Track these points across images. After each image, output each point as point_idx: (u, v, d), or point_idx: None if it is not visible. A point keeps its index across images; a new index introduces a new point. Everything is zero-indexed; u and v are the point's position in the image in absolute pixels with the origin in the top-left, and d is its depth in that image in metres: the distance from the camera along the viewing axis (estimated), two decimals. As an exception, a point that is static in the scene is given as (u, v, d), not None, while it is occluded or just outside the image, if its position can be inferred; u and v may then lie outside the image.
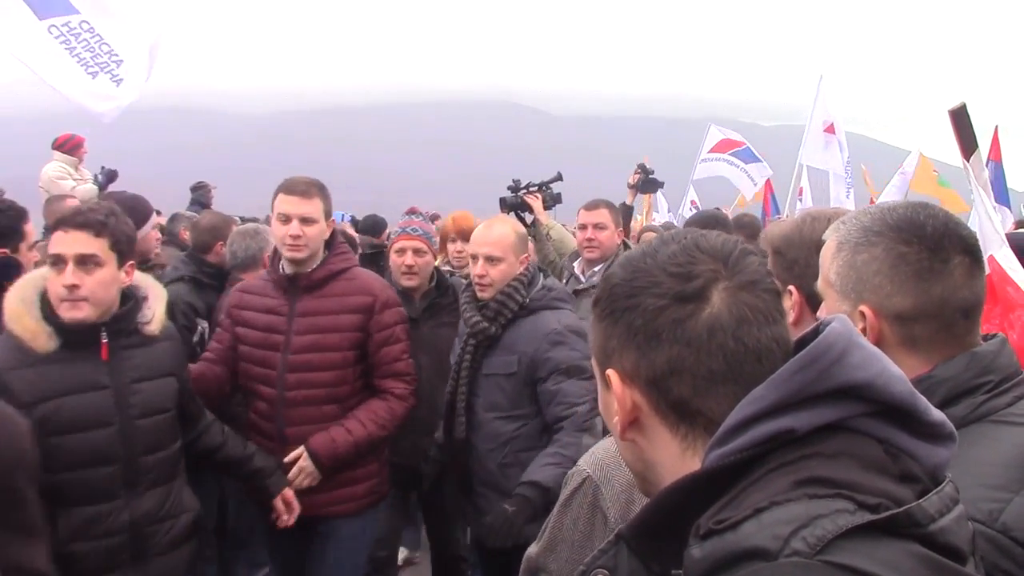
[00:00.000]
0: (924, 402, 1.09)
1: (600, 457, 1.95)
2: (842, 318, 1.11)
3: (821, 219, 2.17)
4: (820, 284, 1.81)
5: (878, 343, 1.64)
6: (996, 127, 9.66)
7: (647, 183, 7.66)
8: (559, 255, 6.15)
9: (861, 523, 0.94)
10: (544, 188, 6.37)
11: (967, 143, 3.22)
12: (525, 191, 6.35)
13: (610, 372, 1.19)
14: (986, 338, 1.71)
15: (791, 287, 2.15)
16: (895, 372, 1.07)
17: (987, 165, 8.34)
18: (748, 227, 6.79)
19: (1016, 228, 9.06)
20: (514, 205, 6.35)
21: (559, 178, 6.53)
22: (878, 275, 1.67)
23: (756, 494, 0.99)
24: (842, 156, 11.86)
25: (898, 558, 0.93)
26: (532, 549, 2.00)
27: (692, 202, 16.43)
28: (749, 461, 1.04)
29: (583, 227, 5.53)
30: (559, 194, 6.43)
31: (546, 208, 6.38)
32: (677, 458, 1.15)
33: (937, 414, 1.09)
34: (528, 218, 6.33)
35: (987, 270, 1.93)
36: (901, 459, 1.05)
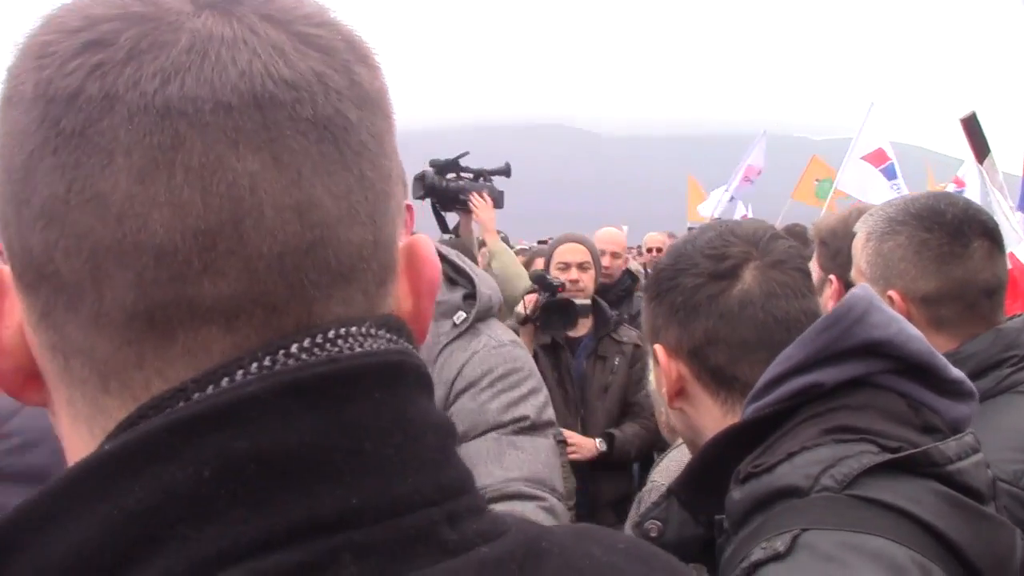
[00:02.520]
0: (943, 361, 1.19)
1: (674, 470, 2.01)
2: (864, 285, 1.24)
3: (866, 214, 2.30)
4: (853, 273, 1.93)
5: None
6: None
7: None
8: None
9: (883, 461, 1.05)
10: (486, 179, 4.15)
11: (979, 148, 3.34)
12: (457, 176, 4.05)
13: (657, 347, 1.34)
14: (1010, 319, 1.81)
15: (831, 276, 2.31)
16: (913, 332, 1.19)
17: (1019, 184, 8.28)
18: (799, 236, 6.82)
19: None
20: (437, 190, 3.94)
21: (506, 171, 4.21)
22: (903, 261, 1.79)
23: (789, 441, 1.11)
24: (888, 184, 11.34)
25: (919, 493, 1.04)
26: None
27: (744, 216, 16.16)
28: (782, 414, 1.16)
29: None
30: (501, 193, 4.22)
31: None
32: (719, 421, 1.28)
33: (956, 372, 1.20)
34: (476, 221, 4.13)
35: (1009, 265, 2.03)
36: (922, 412, 1.16)
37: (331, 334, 0.50)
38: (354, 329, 0.51)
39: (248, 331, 0.49)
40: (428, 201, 4.02)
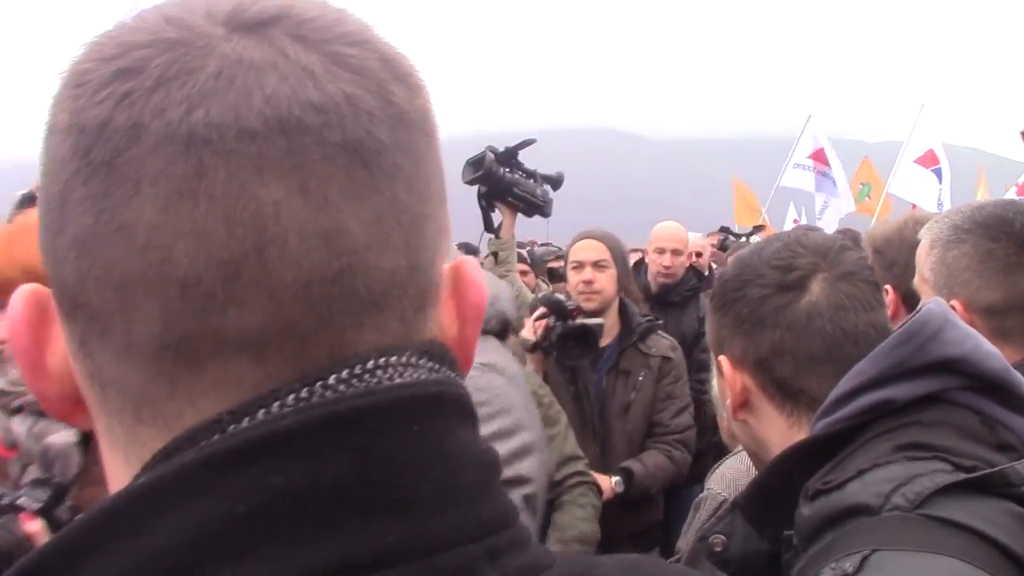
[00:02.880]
0: (1018, 378, 1.17)
1: (731, 477, 2.00)
2: (938, 300, 1.21)
3: (923, 223, 2.25)
4: (916, 280, 1.90)
5: None
6: None
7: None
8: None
9: (957, 480, 1.03)
10: (537, 181, 3.85)
11: None
12: (511, 170, 3.79)
13: (721, 358, 1.33)
14: None
15: (888, 286, 2.25)
16: (990, 349, 1.16)
17: None
18: (853, 242, 6.74)
19: None
20: (494, 178, 3.73)
21: (558, 181, 3.97)
22: (967, 271, 1.76)
23: (860, 458, 1.10)
24: (939, 187, 11.07)
25: (993, 513, 1.01)
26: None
27: (795, 220, 15.71)
28: (853, 429, 1.14)
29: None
30: (551, 200, 3.93)
31: (530, 215, 3.92)
32: (784, 434, 1.27)
33: None
34: (496, 219, 3.95)
35: None
36: (997, 430, 1.13)
37: (370, 364, 0.49)
38: (394, 359, 0.50)
39: (279, 362, 0.48)
40: (476, 191, 3.80)
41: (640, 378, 3.64)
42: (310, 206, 0.48)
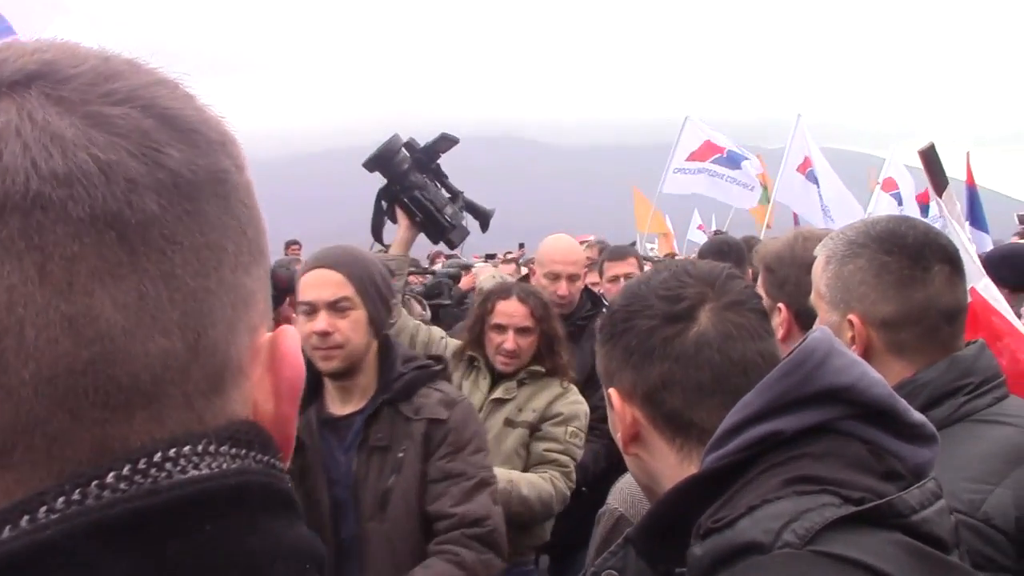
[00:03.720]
0: (904, 405, 1.17)
1: (629, 492, 1.99)
2: (824, 328, 1.20)
3: (812, 239, 2.26)
4: (813, 297, 1.90)
5: (866, 350, 1.74)
6: (968, 153, 9.87)
7: None
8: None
9: (846, 515, 1.02)
10: (453, 199, 3.27)
11: (938, 181, 3.36)
12: (433, 178, 3.23)
13: (611, 391, 1.30)
14: (969, 343, 1.80)
15: (780, 304, 2.26)
16: (875, 377, 1.16)
17: (963, 191, 8.45)
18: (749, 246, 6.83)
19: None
20: (394, 171, 3.15)
21: (486, 218, 3.41)
22: (863, 284, 1.77)
23: (749, 494, 1.08)
24: (819, 195, 11.21)
25: (882, 546, 1.01)
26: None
27: (699, 226, 15.83)
28: (742, 463, 1.12)
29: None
30: (458, 227, 3.27)
31: (436, 240, 3.33)
32: (676, 467, 1.25)
33: (918, 416, 1.17)
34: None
35: (969, 299, 2.03)
36: (885, 458, 1.13)
37: (157, 457, 0.44)
38: (187, 449, 0.45)
39: (31, 466, 0.43)
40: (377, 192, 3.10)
41: (401, 454, 2.54)
42: (50, 291, 0.42)
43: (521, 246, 15.69)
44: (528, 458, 3.38)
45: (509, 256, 11.50)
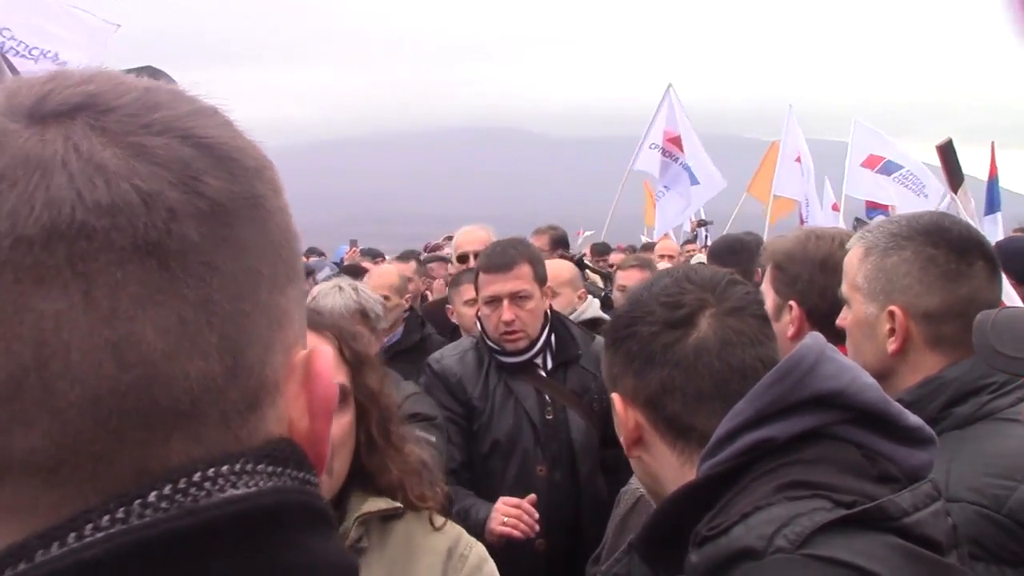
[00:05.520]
0: (898, 408, 1.18)
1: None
2: (815, 334, 1.22)
3: (825, 238, 2.29)
4: (845, 289, 1.89)
5: (905, 342, 1.75)
6: (992, 143, 9.98)
7: None
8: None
9: (837, 518, 1.04)
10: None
11: (955, 176, 3.33)
12: None
13: (614, 395, 1.33)
14: None
15: (791, 302, 2.24)
16: (867, 381, 1.17)
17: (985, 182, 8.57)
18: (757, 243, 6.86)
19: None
20: None
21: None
22: (907, 276, 1.77)
23: (743, 500, 1.10)
24: (807, 181, 11.27)
25: (873, 548, 1.03)
26: (595, 569, 2.03)
27: (691, 220, 15.54)
28: (736, 470, 1.15)
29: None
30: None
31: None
32: (677, 470, 1.27)
33: (914, 419, 1.19)
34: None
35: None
36: (879, 462, 1.15)
37: (196, 477, 0.46)
38: (225, 469, 0.47)
39: (77, 484, 0.45)
40: None
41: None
42: (95, 317, 0.45)
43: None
44: None
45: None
